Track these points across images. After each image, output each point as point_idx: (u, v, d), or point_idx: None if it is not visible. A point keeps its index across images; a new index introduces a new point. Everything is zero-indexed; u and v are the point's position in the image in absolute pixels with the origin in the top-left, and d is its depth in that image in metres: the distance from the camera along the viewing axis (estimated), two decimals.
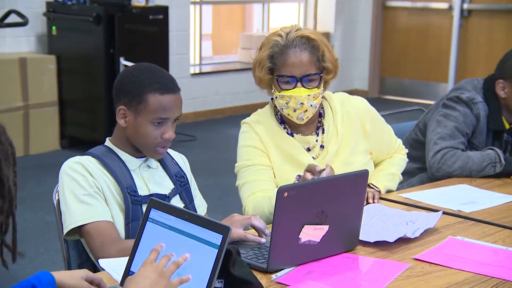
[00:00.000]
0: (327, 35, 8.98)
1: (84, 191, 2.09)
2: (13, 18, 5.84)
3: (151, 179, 2.20)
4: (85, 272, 1.65)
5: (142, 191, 2.16)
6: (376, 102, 8.69)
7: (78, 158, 2.15)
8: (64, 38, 6.28)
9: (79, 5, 6.19)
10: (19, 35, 6.30)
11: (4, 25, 5.80)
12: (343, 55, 9.10)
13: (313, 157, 2.52)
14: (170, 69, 6.58)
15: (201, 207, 2.35)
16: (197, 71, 8.04)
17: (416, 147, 3.22)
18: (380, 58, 9.38)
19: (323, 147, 2.53)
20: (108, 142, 2.23)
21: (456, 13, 8.53)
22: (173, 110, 2.13)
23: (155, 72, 2.15)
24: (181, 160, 2.36)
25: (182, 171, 2.31)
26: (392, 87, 9.37)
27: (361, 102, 2.63)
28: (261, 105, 2.64)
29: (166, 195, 2.20)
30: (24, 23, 5.82)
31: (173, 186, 2.24)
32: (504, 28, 8.32)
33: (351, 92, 2.83)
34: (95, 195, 2.10)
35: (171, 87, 2.13)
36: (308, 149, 2.53)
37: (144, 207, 2.05)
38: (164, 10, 6.43)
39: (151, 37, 6.32)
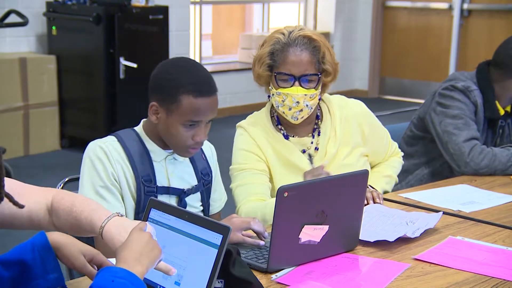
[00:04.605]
0: (327, 35, 8.98)
1: (101, 183, 2.09)
2: (13, 18, 5.83)
3: (174, 173, 2.18)
4: (89, 251, 1.58)
5: (162, 183, 2.15)
6: (376, 102, 8.73)
7: (102, 142, 2.12)
8: (64, 38, 6.28)
9: (79, 5, 6.19)
10: (19, 35, 6.30)
11: (4, 25, 5.80)
12: (343, 55, 9.09)
13: (308, 159, 2.52)
14: None
15: (219, 201, 2.36)
16: None
17: (412, 143, 3.21)
18: (380, 58, 9.37)
19: (317, 149, 2.54)
20: (140, 128, 2.18)
21: (456, 13, 8.53)
22: (207, 113, 2.06)
23: (192, 71, 2.06)
24: (210, 152, 2.34)
25: (209, 167, 2.29)
26: (392, 87, 9.37)
27: (359, 106, 2.63)
28: (261, 105, 2.64)
29: (183, 190, 2.18)
30: (24, 23, 5.82)
31: (196, 183, 2.23)
32: (504, 28, 8.31)
33: (351, 92, 2.84)
34: (111, 188, 2.09)
35: (206, 89, 2.05)
36: (303, 151, 2.53)
37: (158, 198, 2.04)
38: (164, 10, 6.42)
39: (151, 37, 6.32)
